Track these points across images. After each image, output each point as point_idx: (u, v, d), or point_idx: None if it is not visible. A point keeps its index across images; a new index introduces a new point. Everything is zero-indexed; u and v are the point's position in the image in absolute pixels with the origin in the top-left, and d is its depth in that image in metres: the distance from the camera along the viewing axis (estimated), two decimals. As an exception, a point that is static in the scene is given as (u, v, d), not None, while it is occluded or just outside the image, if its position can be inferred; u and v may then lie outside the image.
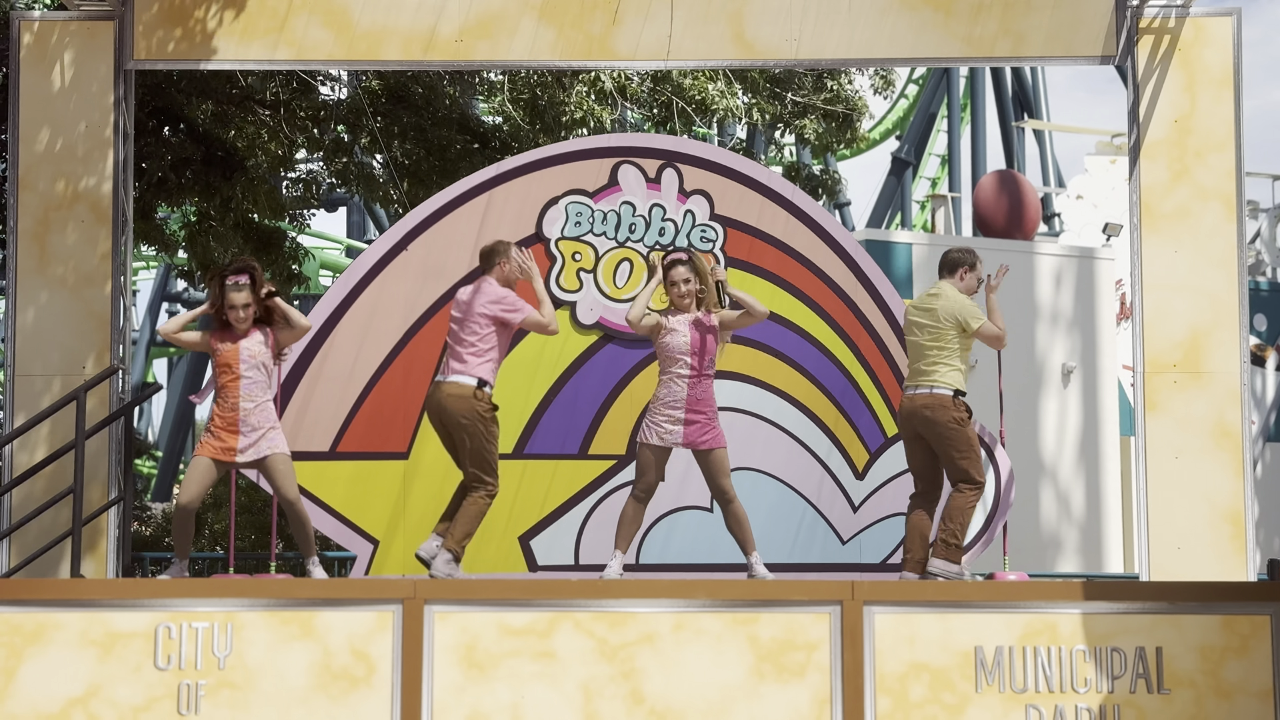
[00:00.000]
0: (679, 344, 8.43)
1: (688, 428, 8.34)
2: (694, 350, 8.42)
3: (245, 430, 8.27)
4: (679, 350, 8.43)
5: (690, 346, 8.42)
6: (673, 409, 8.36)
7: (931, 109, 32.24)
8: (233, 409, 8.29)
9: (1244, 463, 9.20)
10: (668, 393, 8.41)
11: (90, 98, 9.54)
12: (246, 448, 8.27)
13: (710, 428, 8.38)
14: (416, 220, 9.91)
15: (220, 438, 8.25)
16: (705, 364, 8.43)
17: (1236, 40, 9.46)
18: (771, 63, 10.03)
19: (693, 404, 8.35)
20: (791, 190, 10.18)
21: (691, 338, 8.43)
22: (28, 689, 7.33)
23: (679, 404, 8.35)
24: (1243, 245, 9.39)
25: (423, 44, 9.66)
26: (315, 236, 30.16)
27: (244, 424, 8.27)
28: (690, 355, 8.41)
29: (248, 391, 8.30)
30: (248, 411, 8.29)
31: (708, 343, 8.45)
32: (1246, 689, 7.28)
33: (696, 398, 8.37)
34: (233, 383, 8.31)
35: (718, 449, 8.37)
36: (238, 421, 8.27)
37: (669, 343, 8.45)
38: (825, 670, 7.32)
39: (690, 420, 8.34)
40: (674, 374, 8.42)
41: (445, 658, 7.35)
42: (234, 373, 8.32)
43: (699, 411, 8.37)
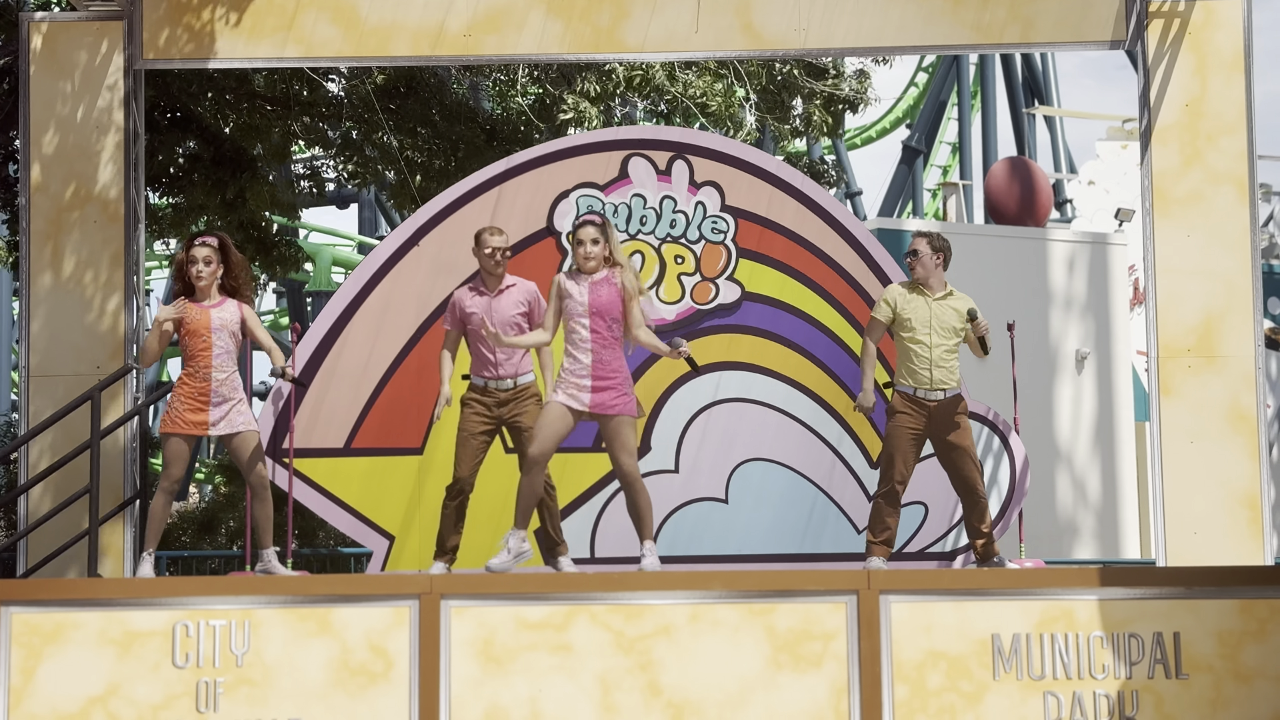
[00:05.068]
0: (576, 305, 8.05)
1: (596, 395, 7.99)
2: (593, 311, 8.05)
3: (216, 401, 8.19)
4: (574, 314, 8.06)
5: (589, 308, 8.05)
6: (578, 377, 7.98)
7: (942, 97, 32.15)
8: (204, 379, 8.18)
9: (1259, 446, 9.18)
10: (570, 360, 8.02)
11: (100, 98, 9.56)
12: (218, 420, 8.20)
13: (623, 393, 8.04)
14: (428, 215, 9.92)
15: (192, 411, 8.15)
16: (609, 327, 8.06)
17: (1247, 23, 9.44)
18: (780, 52, 10.03)
19: (599, 369, 8.02)
20: (801, 179, 10.17)
21: (590, 299, 8.06)
22: (47, 689, 7.34)
23: (584, 372, 7.99)
24: (1255, 228, 9.37)
25: (431, 39, 9.67)
26: (327, 233, 30.16)
27: (215, 394, 8.19)
28: (589, 317, 8.04)
29: (219, 361, 8.22)
30: (219, 382, 8.21)
31: (611, 304, 8.07)
32: (1265, 673, 7.26)
33: (601, 362, 8.03)
34: (204, 351, 8.20)
35: (625, 415, 8.03)
36: (209, 392, 8.18)
37: (568, 307, 8.09)
38: (842, 659, 7.31)
39: (598, 388, 8.01)
40: (576, 340, 8.03)
41: (462, 652, 7.36)
42: (205, 341, 8.21)
43: (606, 378, 8.02)
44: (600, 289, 8.06)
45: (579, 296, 8.05)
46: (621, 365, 8.07)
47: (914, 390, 8.55)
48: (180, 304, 8.27)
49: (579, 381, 7.98)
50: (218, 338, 8.24)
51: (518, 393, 8.51)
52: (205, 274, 8.27)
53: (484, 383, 8.52)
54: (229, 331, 8.28)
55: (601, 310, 8.03)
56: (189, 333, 8.22)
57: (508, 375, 8.49)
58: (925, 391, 8.53)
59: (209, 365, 8.21)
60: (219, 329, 8.25)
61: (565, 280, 8.13)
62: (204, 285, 8.30)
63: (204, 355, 8.20)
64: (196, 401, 8.18)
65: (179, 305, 8.27)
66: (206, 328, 8.23)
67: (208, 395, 8.19)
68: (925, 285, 8.64)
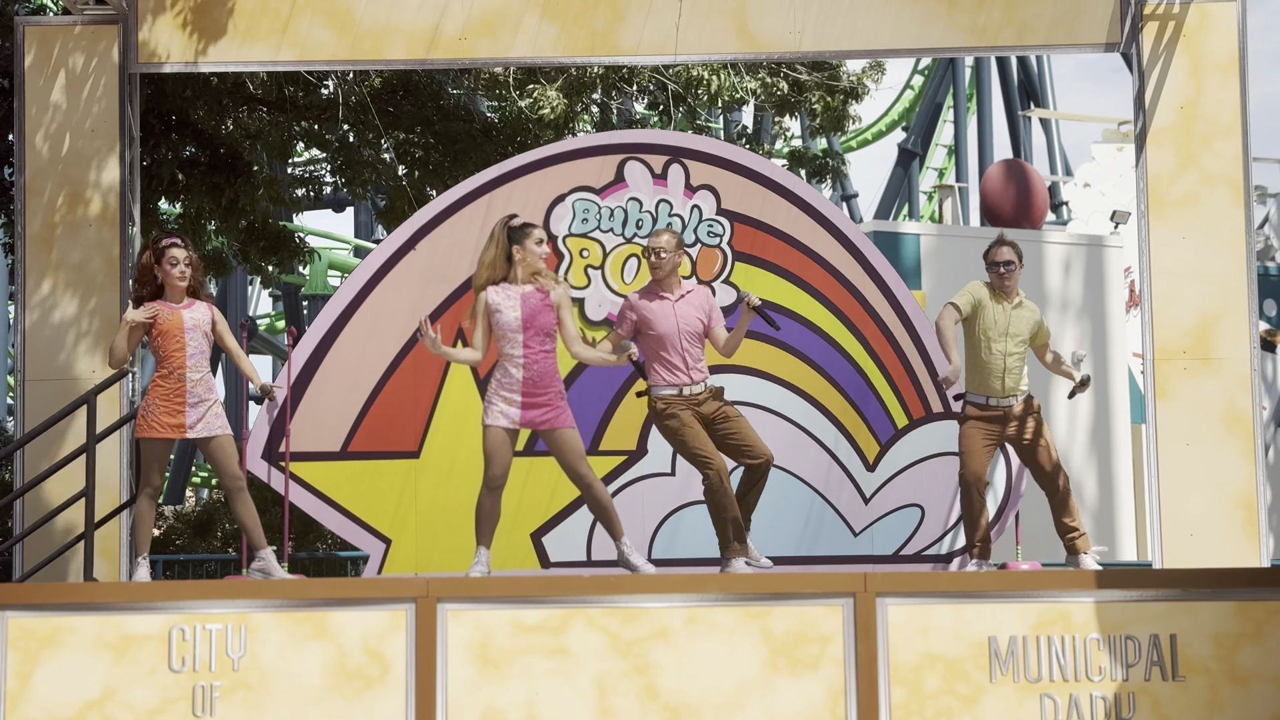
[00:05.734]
0: (507, 321, 8.01)
1: (526, 411, 8.00)
2: (526, 326, 8.01)
3: (193, 402, 8.15)
4: (508, 328, 8.01)
5: (521, 322, 8.02)
6: (509, 391, 7.99)
7: (937, 99, 32.19)
8: (179, 380, 8.13)
9: (1255, 448, 9.19)
10: (503, 375, 8.00)
11: (96, 102, 9.56)
12: (195, 422, 8.16)
13: (554, 408, 8.03)
14: (424, 220, 9.92)
15: (169, 413, 8.11)
16: (541, 341, 8.03)
17: (1241, 25, 9.45)
18: (775, 55, 10.03)
19: (530, 386, 8.02)
20: (796, 183, 10.17)
21: (523, 312, 8.04)
22: (43, 693, 7.34)
23: (514, 387, 7.99)
24: (1250, 230, 9.38)
25: (426, 42, 9.67)
26: (323, 236, 30.17)
27: (191, 395, 8.15)
28: (525, 333, 8.01)
29: (194, 362, 8.18)
30: (194, 383, 8.17)
31: (542, 318, 8.05)
32: (1262, 675, 7.26)
33: (533, 379, 8.02)
34: (178, 352, 8.15)
35: (563, 429, 8.04)
36: (185, 393, 8.13)
37: (499, 321, 8.02)
38: (839, 662, 7.31)
39: (529, 405, 8.01)
40: (506, 354, 8.00)
41: (459, 655, 7.35)
42: (179, 342, 8.16)
43: (537, 394, 8.02)
44: (536, 305, 8.06)
45: (511, 310, 8.04)
46: (555, 377, 8.08)
47: (986, 399, 8.60)
48: (153, 305, 8.23)
49: (509, 395, 8.01)
50: (191, 338, 8.20)
51: (710, 392, 8.38)
52: (186, 275, 8.26)
53: (678, 391, 8.33)
54: (202, 332, 8.26)
55: (535, 325, 8.04)
56: (162, 334, 8.17)
57: (700, 379, 8.36)
58: (998, 400, 8.58)
59: (183, 366, 8.17)
60: (192, 329, 8.22)
61: (496, 297, 8.09)
62: (183, 286, 8.28)
63: (178, 356, 8.16)
64: (172, 404, 8.14)
65: (151, 307, 8.23)
66: (180, 329, 8.19)
67: (184, 397, 8.15)
68: (1006, 293, 8.68)
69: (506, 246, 8.12)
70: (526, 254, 8.11)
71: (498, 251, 8.12)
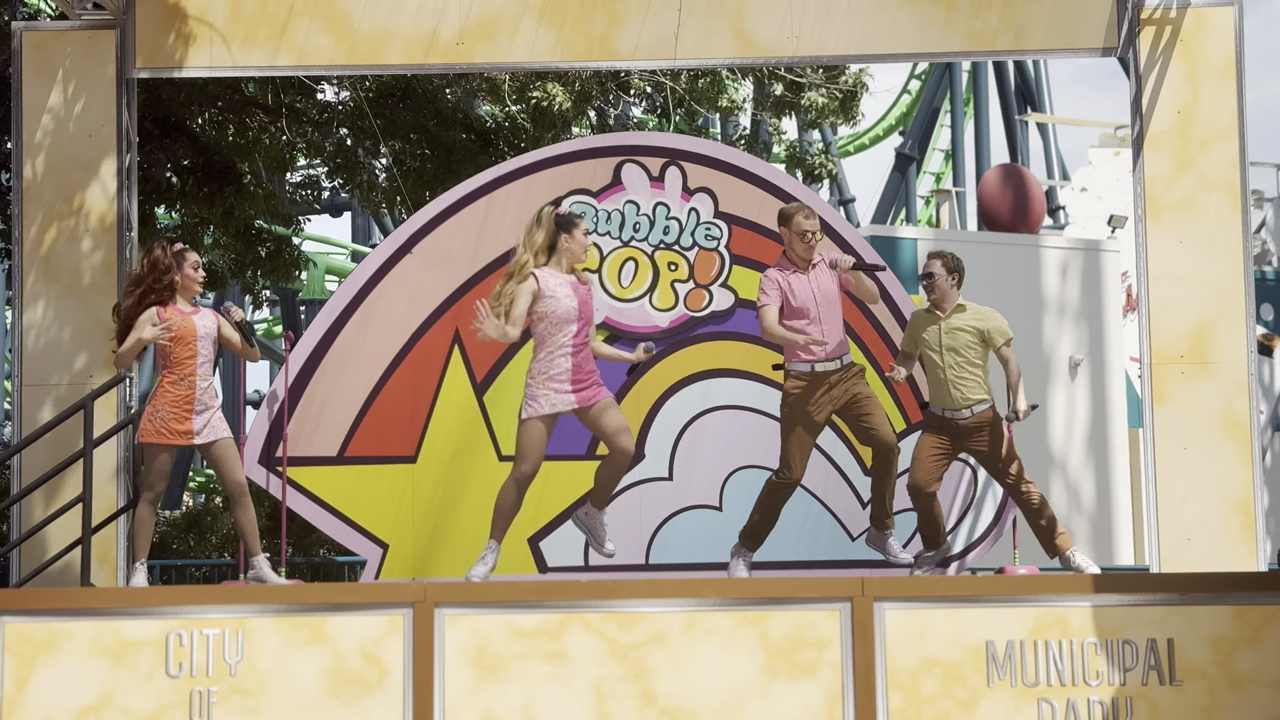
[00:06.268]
0: (562, 312, 7.90)
1: (578, 393, 7.91)
2: (581, 316, 7.95)
3: (199, 409, 8.17)
4: (563, 318, 7.90)
5: (576, 314, 7.94)
6: (558, 382, 7.88)
7: (934, 104, 32.22)
8: (189, 387, 8.14)
9: (1253, 452, 9.19)
10: (550, 365, 7.88)
11: (93, 107, 9.55)
12: (201, 428, 8.17)
13: (599, 385, 7.96)
14: (420, 223, 9.91)
15: (178, 419, 8.11)
16: (588, 332, 7.98)
17: (1238, 30, 9.45)
18: (772, 60, 10.04)
19: (577, 373, 7.95)
20: (795, 186, 10.18)
21: (579, 302, 7.96)
22: (40, 698, 7.33)
23: (564, 377, 7.91)
24: (1248, 235, 9.37)
25: (424, 47, 9.67)
26: (320, 241, 30.16)
27: (199, 403, 8.17)
28: (579, 323, 7.94)
29: (203, 369, 8.20)
30: (202, 390, 8.19)
31: (588, 309, 8.00)
32: (1259, 679, 7.26)
33: (580, 365, 7.95)
34: (190, 359, 8.17)
35: (604, 399, 7.95)
36: (194, 400, 8.15)
37: (550, 309, 7.89)
38: (836, 667, 7.31)
39: (579, 389, 7.91)
40: (557, 344, 7.89)
41: (456, 660, 7.35)
42: (191, 349, 8.17)
43: (583, 379, 7.93)
44: (585, 295, 8.04)
45: (567, 299, 7.95)
46: (594, 363, 8.02)
47: (941, 411, 8.63)
48: (164, 315, 8.20)
49: (559, 386, 7.90)
50: (203, 346, 8.23)
51: (844, 371, 8.35)
52: (200, 280, 8.29)
53: (809, 367, 8.31)
54: (211, 340, 8.30)
55: (587, 316, 8.00)
56: (176, 340, 8.18)
57: (835, 355, 8.32)
58: (951, 412, 8.59)
59: (194, 374, 8.18)
60: (204, 337, 8.24)
61: (551, 282, 7.97)
62: (199, 290, 8.31)
63: (190, 363, 8.18)
64: (181, 410, 8.14)
65: (165, 319, 8.19)
66: (194, 335, 8.21)
67: (192, 404, 8.17)
68: (938, 307, 8.72)
69: (553, 233, 8.03)
70: (573, 243, 8.04)
71: (545, 237, 8.01)
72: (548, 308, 7.93)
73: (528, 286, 7.94)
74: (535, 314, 7.95)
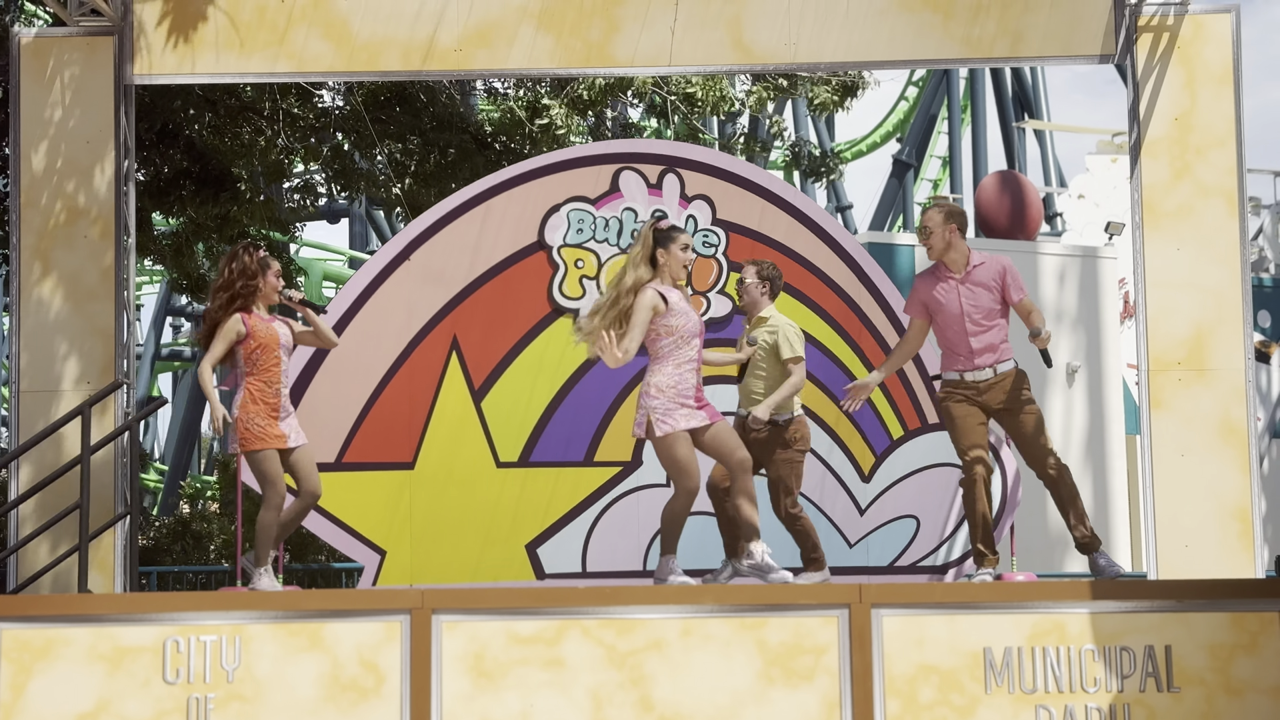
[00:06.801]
0: (690, 326, 7.84)
1: (704, 409, 7.84)
2: (702, 333, 7.95)
3: (283, 415, 8.26)
4: (690, 333, 7.83)
5: (700, 328, 7.92)
6: (686, 399, 7.79)
7: (932, 111, 32.24)
8: (276, 394, 8.23)
9: (1250, 459, 9.19)
10: (680, 381, 7.78)
11: (91, 113, 9.55)
12: (289, 433, 8.26)
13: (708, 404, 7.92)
14: (418, 230, 9.92)
15: (271, 424, 8.17)
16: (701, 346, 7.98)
17: (1236, 36, 9.46)
18: (770, 66, 10.05)
19: (698, 391, 7.91)
20: (792, 193, 10.18)
21: (697, 319, 7.93)
22: (37, 705, 7.32)
23: (690, 393, 7.83)
24: (1245, 242, 9.38)
25: (422, 53, 9.67)
26: (317, 248, 30.17)
27: (283, 409, 8.26)
28: (700, 338, 7.92)
29: (286, 378, 8.32)
30: (285, 397, 8.29)
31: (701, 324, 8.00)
32: (1257, 686, 7.26)
33: (699, 384, 7.92)
34: (275, 366, 8.25)
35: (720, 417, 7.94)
36: (280, 407, 8.24)
37: (679, 324, 7.82)
38: (834, 673, 7.31)
39: (700, 406, 7.87)
40: (684, 358, 7.81)
41: (454, 667, 7.34)
42: (275, 356, 8.26)
43: (700, 396, 7.91)
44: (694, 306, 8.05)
45: (690, 315, 7.88)
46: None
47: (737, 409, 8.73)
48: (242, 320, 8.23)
49: (687, 403, 7.80)
50: (284, 352, 8.34)
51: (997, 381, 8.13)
52: (279, 289, 8.39)
53: (958, 376, 8.19)
54: (290, 348, 8.41)
55: (703, 331, 8.00)
56: (262, 347, 8.25)
57: (986, 365, 8.14)
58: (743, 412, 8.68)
59: (279, 380, 8.28)
60: (285, 344, 8.36)
61: (673, 297, 7.85)
62: (274, 299, 8.39)
63: (275, 370, 8.27)
64: (272, 415, 8.22)
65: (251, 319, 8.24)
66: (277, 343, 8.31)
67: (278, 410, 8.25)
68: (747, 314, 8.79)
69: (652, 249, 7.93)
70: (670, 259, 7.94)
71: (643, 252, 7.91)
72: (676, 323, 7.83)
73: (648, 301, 7.78)
74: (659, 328, 7.83)
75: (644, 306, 7.77)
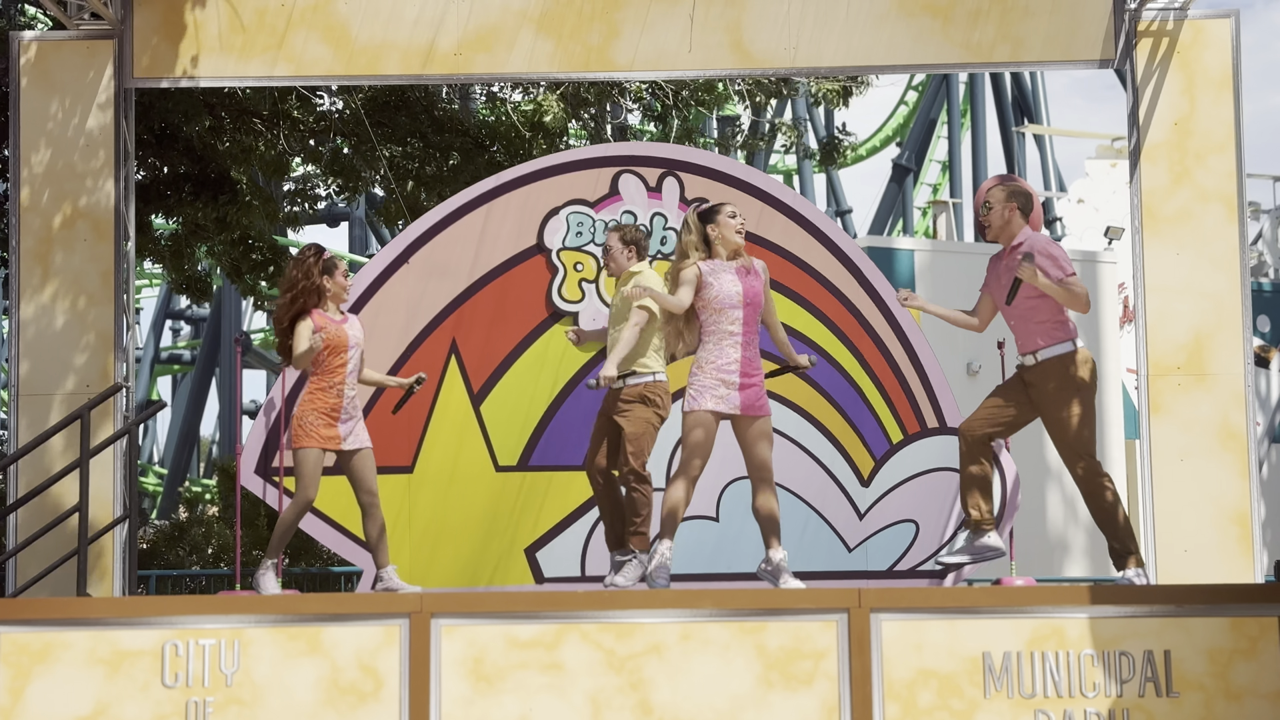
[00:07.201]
0: (724, 296, 7.78)
1: (744, 393, 7.76)
2: (747, 301, 7.84)
3: (345, 419, 8.24)
4: (725, 303, 7.79)
5: (740, 299, 7.82)
6: (727, 373, 7.72)
7: (931, 115, 32.28)
8: (338, 395, 8.20)
9: (1249, 464, 9.19)
10: (719, 355, 7.74)
11: (91, 116, 9.55)
12: (347, 435, 8.25)
13: (762, 389, 7.83)
14: (418, 233, 9.92)
15: (327, 425, 8.16)
16: (756, 319, 7.86)
17: (1235, 42, 9.46)
18: (770, 71, 10.05)
19: (747, 366, 7.81)
20: (792, 197, 10.18)
21: (744, 287, 7.84)
22: (35, 709, 7.32)
23: (733, 368, 7.76)
24: (1244, 247, 9.39)
25: (421, 58, 9.67)
26: (317, 251, 30.16)
27: (345, 411, 8.23)
28: (742, 309, 7.83)
29: (351, 379, 8.28)
30: (349, 399, 8.26)
31: (758, 295, 7.86)
32: (1256, 691, 7.26)
33: (749, 359, 7.82)
34: (340, 368, 8.23)
35: (766, 416, 7.86)
36: (341, 409, 8.21)
37: (712, 295, 7.79)
38: (833, 678, 7.31)
39: (745, 386, 7.78)
40: (723, 331, 7.76)
41: (453, 671, 7.34)
42: (343, 358, 8.24)
43: (752, 374, 7.80)
44: (747, 279, 7.90)
45: (726, 285, 7.84)
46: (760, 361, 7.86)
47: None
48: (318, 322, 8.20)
49: (727, 379, 7.73)
50: (353, 355, 8.31)
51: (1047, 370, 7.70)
52: (347, 287, 8.39)
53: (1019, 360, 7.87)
54: (360, 348, 8.37)
55: (754, 301, 7.86)
56: (330, 349, 8.23)
57: (1030, 349, 7.75)
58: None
59: (343, 382, 8.26)
60: (354, 346, 8.33)
61: (705, 265, 7.85)
62: (343, 298, 8.38)
63: (341, 371, 8.25)
64: (329, 417, 8.20)
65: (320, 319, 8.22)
66: (345, 345, 8.28)
67: (339, 412, 8.22)
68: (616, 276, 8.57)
69: (701, 229, 7.95)
70: (722, 229, 7.93)
71: (695, 237, 7.93)
72: (710, 294, 7.83)
73: (690, 274, 7.86)
74: (699, 303, 7.86)
75: (687, 280, 7.86)
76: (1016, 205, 8.00)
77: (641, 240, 8.55)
